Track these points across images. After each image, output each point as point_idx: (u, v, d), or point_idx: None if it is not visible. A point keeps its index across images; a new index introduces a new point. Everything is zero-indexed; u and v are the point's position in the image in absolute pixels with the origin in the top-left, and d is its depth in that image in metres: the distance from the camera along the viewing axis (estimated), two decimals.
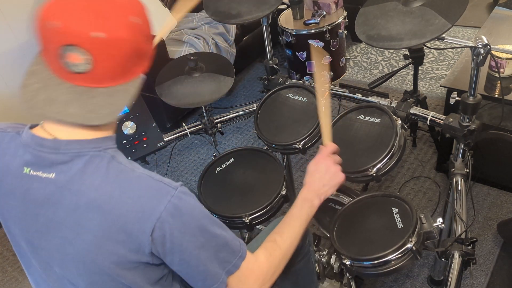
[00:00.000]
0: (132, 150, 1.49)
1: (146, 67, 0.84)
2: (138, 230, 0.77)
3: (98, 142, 0.81)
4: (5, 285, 2.08)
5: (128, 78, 0.81)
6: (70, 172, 0.79)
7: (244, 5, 1.44)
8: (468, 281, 1.66)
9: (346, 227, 1.27)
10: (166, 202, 0.78)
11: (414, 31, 1.15)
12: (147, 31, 0.82)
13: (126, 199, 0.78)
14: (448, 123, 1.31)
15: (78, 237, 0.79)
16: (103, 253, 0.79)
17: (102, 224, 0.78)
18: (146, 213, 0.77)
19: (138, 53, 0.80)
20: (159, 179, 0.81)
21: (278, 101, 1.53)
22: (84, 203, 0.78)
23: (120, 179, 0.79)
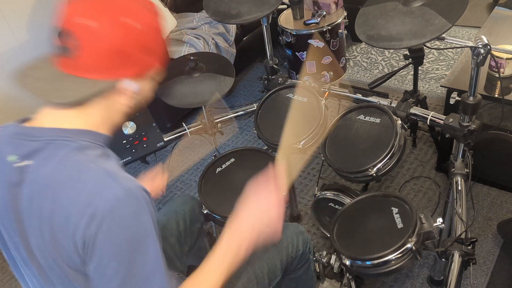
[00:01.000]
0: (132, 150, 1.49)
1: (131, 74, 0.83)
2: (73, 222, 0.73)
3: (73, 133, 0.81)
4: (5, 285, 2.08)
5: (108, 76, 0.81)
6: (40, 159, 0.78)
7: (244, 5, 1.44)
8: (468, 281, 1.66)
9: (346, 227, 1.27)
10: (105, 201, 0.72)
11: (414, 31, 1.15)
12: (144, 39, 0.82)
13: (69, 190, 0.74)
14: (448, 123, 1.31)
15: (41, 225, 0.77)
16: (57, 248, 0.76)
17: (52, 214, 0.75)
18: (83, 207, 0.72)
19: (124, 55, 0.80)
20: (115, 178, 0.75)
21: (278, 101, 1.53)
22: (40, 191, 0.77)
23: (73, 168, 0.76)
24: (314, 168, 2.34)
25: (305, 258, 1.29)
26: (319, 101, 1.43)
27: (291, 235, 1.25)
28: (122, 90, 0.84)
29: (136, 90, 0.85)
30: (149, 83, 0.90)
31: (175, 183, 2.47)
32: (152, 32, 0.85)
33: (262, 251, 1.20)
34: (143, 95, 0.90)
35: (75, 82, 0.80)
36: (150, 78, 0.89)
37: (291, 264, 1.26)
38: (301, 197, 2.18)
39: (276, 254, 1.20)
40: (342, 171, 1.28)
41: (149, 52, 0.84)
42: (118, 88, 0.83)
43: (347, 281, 1.46)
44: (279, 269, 1.21)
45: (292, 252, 1.24)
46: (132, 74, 0.84)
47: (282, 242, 1.23)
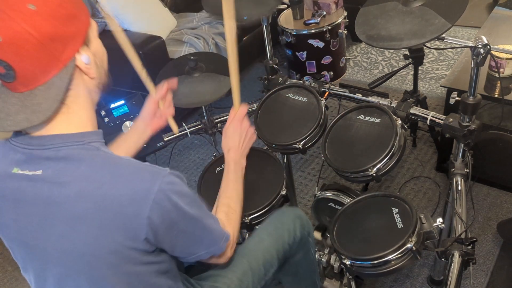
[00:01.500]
0: None
1: (78, 46, 0.80)
2: (133, 213, 0.78)
3: (81, 136, 0.82)
4: (5, 285, 2.08)
5: (58, 66, 0.78)
6: (57, 166, 0.79)
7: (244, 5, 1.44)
8: (468, 281, 1.66)
9: (346, 227, 1.27)
10: (160, 182, 0.79)
11: (414, 31, 1.15)
12: (52, 13, 0.76)
13: (118, 183, 0.78)
14: (448, 123, 1.31)
15: (73, 230, 0.79)
16: (100, 244, 0.79)
17: (96, 212, 0.78)
18: (140, 195, 0.78)
19: (50, 40, 0.75)
20: (148, 164, 0.84)
21: (278, 101, 1.53)
22: (74, 194, 0.78)
23: (109, 165, 0.80)
24: (314, 168, 2.34)
25: (303, 242, 1.28)
26: (319, 101, 1.43)
27: (288, 221, 1.25)
28: (81, 67, 0.82)
29: (88, 60, 0.82)
30: (94, 43, 0.86)
31: None
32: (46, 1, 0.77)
33: (257, 241, 1.21)
34: (98, 57, 0.88)
35: (40, 93, 0.77)
36: (91, 36, 0.85)
37: (289, 251, 1.25)
38: (301, 197, 2.18)
39: (272, 243, 1.20)
40: (342, 171, 1.28)
41: (72, 18, 0.79)
42: (78, 67, 0.81)
43: (347, 281, 1.46)
44: (276, 259, 1.20)
45: (289, 239, 1.23)
46: (77, 47, 0.80)
47: (278, 230, 1.23)
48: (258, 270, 1.16)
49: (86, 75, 0.84)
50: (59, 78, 0.78)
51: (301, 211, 1.31)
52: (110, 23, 1.17)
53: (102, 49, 0.90)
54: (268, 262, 1.18)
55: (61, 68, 0.78)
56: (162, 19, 2.75)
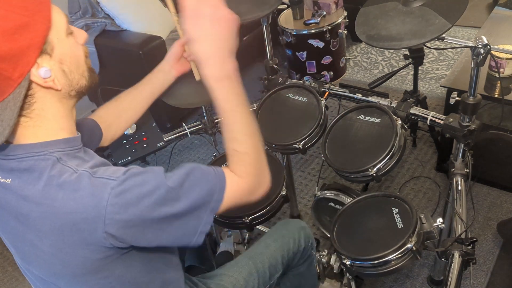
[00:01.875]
0: (132, 150, 1.49)
1: (31, 61, 0.71)
2: (89, 230, 0.74)
3: (44, 146, 0.77)
4: (5, 285, 2.08)
5: (12, 86, 0.70)
6: (21, 177, 0.77)
7: (244, 5, 1.44)
8: (468, 281, 1.66)
9: (346, 227, 1.27)
10: (107, 196, 0.72)
11: (414, 31, 1.15)
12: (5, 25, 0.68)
13: (69, 200, 0.73)
14: (448, 123, 1.31)
15: (41, 242, 0.78)
16: (67, 256, 0.78)
17: (55, 229, 0.75)
18: (91, 213, 0.73)
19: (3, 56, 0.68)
20: (101, 174, 0.75)
21: (278, 101, 1.53)
22: (36, 209, 0.75)
23: (62, 181, 0.74)
24: (314, 168, 2.34)
25: (307, 254, 1.30)
26: (319, 101, 1.43)
27: (293, 230, 1.26)
28: (38, 82, 0.74)
29: (47, 73, 0.73)
30: (59, 47, 0.76)
31: None
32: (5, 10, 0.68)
33: (263, 246, 1.21)
34: (67, 62, 0.78)
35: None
36: (55, 41, 0.75)
37: (293, 260, 1.26)
38: (301, 197, 2.18)
39: (278, 249, 1.21)
40: (342, 171, 1.28)
41: (21, 29, 0.69)
42: (36, 83, 0.74)
43: (347, 281, 1.46)
44: (281, 264, 1.21)
45: (294, 247, 1.24)
46: (31, 62, 0.71)
47: (284, 237, 1.24)
48: (264, 273, 1.17)
49: (52, 88, 0.76)
50: (12, 98, 0.71)
51: (306, 224, 1.32)
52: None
53: (73, 51, 0.79)
54: (273, 267, 1.19)
55: (15, 87, 0.71)
56: (162, 19, 2.75)
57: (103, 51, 2.45)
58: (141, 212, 0.75)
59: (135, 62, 2.37)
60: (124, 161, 1.48)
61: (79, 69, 0.81)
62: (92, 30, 2.50)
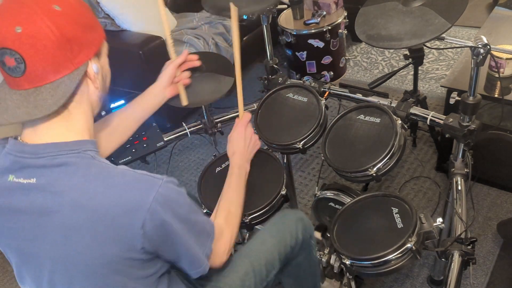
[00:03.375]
0: (132, 150, 1.49)
1: (91, 54, 0.83)
2: (128, 224, 0.77)
3: (76, 144, 0.82)
4: (5, 285, 2.08)
5: (70, 68, 0.79)
6: (50, 175, 0.79)
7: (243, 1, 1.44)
8: (468, 281, 1.66)
9: (346, 227, 1.27)
10: (154, 193, 0.78)
11: (414, 31, 1.15)
12: (74, 17, 0.80)
13: (111, 194, 0.77)
14: (448, 123, 1.31)
15: (66, 240, 0.79)
16: (93, 254, 0.79)
17: (89, 223, 0.77)
18: (134, 206, 0.77)
19: (67, 41, 0.78)
20: (144, 173, 0.82)
21: (278, 101, 1.53)
22: (67, 204, 0.77)
23: (103, 175, 0.79)
24: (314, 168, 2.34)
25: (305, 244, 1.28)
26: (319, 101, 1.43)
27: (290, 224, 1.25)
28: (89, 75, 0.84)
29: (97, 70, 0.86)
30: (104, 58, 0.90)
31: None
32: (83, 7, 0.83)
33: (259, 243, 1.21)
34: (104, 72, 0.91)
35: (46, 90, 0.78)
36: (102, 51, 0.89)
37: (292, 253, 1.25)
38: (301, 197, 2.18)
39: (274, 245, 1.20)
40: (342, 171, 1.28)
41: (91, 28, 0.84)
42: (87, 74, 0.83)
43: (347, 281, 1.46)
44: (278, 260, 1.20)
45: (291, 241, 1.23)
46: (91, 55, 0.83)
47: (280, 232, 1.23)
48: (260, 271, 1.16)
49: (92, 84, 0.86)
50: (68, 79, 0.79)
51: (303, 214, 1.31)
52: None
53: (108, 67, 0.93)
54: (270, 263, 1.18)
55: (72, 70, 0.79)
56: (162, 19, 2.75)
57: None
58: (175, 217, 0.82)
59: (135, 62, 2.37)
60: (124, 160, 1.48)
61: (107, 83, 0.94)
62: None
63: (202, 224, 0.93)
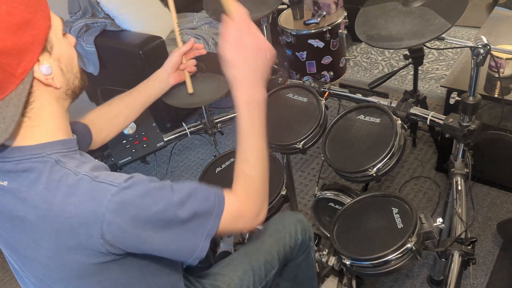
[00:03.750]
0: (132, 150, 1.50)
1: (35, 56, 0.73)
2: (86, 235, 0.73)
3: (40, 148, 0.77)
4: (5, 285, 2.08)
5: (15, 82, 0.71)
6: (17, 180, 0.76)
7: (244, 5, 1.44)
8: (468, 281, 1.66)
9: (346, 227, 1.27)
10: (106, 202, 0.72)
11: (414, 31, 1.15)
12: (9, 19, 0.69)
13: (68, 204, 0.73)
14: (448, 123, 1.31)
15: (37, 244, 0.78)
16: (63, 260, 0.77)
17: (52, 232, 0.75)
18: (89, 218, 0.72)
19: (8, 51, 0.68)
20: (103, 179, 0.75)
21: (278, 101, 1.53)
22: (32, 212, 0.75)
23: (61, 183, 0.74)
24: (314, 168, 2.34)
25: (305, 246, 1.28)
26: (319, 101, 1.43)
27: (289, 225, 1.24)
28: (40, 79, 0.75)
29: (48, 70, 0.75)
30: (58, 46, 0.78)
31: None
32: (4, 6, 0.69)
33: (259, 243, 1.20)
34: (64, 61, 0.80)
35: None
36: (54, 40, 0.77)
37: (291, 254, 1.25)
38: (301, 197, 2.18)
39: (273, 245, 1.20)
40: (342, 171, 1.28)
41: (26, 25, 0.71)
42: (39, 81, 0.75)
43: (347, 281, 1.46)
44: (277, 260, 1.20)
45: (290, 242, 1.23)
46: (35, 58, 0.73)
47: (279, 232, 1.23)
48: (259, 270, 1.16)
49: (51, 86, 0.77)
50: (16, 95, 0.71)
51: (303, 216, 1.31)
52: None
53: (68, 51, 0.81)
54: (269, 263, 1.18)
55: (17, 84, 0.71)
56: (162, 19, 2.75)
57: (103, 51, 2.45)
58: (138, 223, 0.75)
59: (135, 62, 2.37)
60: (124, 161, 1.48)
61: (73, 69, 0.83)
62: (92, 30, 2.50)
63: (191, 209, 0.79)
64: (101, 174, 0.76)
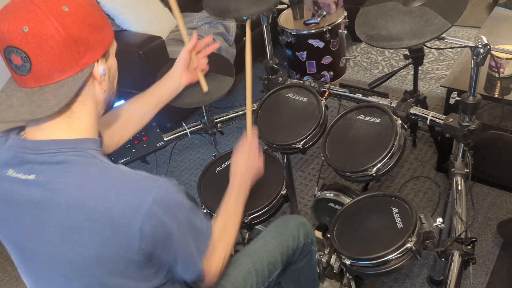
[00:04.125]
0: (132, 150, 1.50)
1: (98, 56, 0.82)
2: (126, 226, 0.77)
3: (77, 142, 0.82)
4: (5, 285, 2.08)
5: (75, 69, 0.79)
6: (49, 172, 0.79)
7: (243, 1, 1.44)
8: (468, 281, 1.66)
9: (346, 227, 1.27)
10: (154, 194, 0.78)
11: (414, 31, 1.15)
12: (82, 18, 0.79)
13: (110, 195, 0.77)
14: (448, 123, 1.31)
15: (62, 238, 0.78)
16: (89, 254, 0.78)
17: (86, 223, 0.77)
18: (132, 208, 0.76)
19: (74, 42, 0.77)
20: (144, 174, 0.82)
21: (278, 101, 1.53)
22: (65, 203, 0.77)
23: (102, 175, 0.79)
24: (314, 168, 2.34)
25: (307, 250, 1.29)
26: (319, 101, 1.43)
27: (292, 227, 1.25)
28: (95, 76, 0.83)
29: (104, 72, 0.85)
30: (111, 59, 0.89)
31: None
32: (92, 7, 0.82)
33: (262, 243, 1.21)
34: (112, 73, 0.90)
35: (50, 90, 0.78)
36: (111, 52, 0.88)
37: (293, 256, 1.26)
38: (301, 197, 2.18)
39: (276, 246, 1.21)
40: (342, 171, 1.28)
41: (99, 29, 0.83)
42: (93, 76, 0.83)
43: (347, 281, 1.46)
44: (280, 262, 1.21)
45: (293, 244, 1.24)
46: (97, 56, 0.82)
47: (283, 234, 1.23)
48: (262, 271, 1.17)
49: (98, 86, 0.85)
50: (73, 80, 0.79)
51: (305, 219, 1.32)
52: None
53: (116, 67, 0.92)
54: (272, 264, 1.19)
55: (77, 71, 0.79)
56: (162, 19, 2.75)
57: None
58: (176, 219, 0.82)
59: (135, 62, 2.37)
60: (124, 160, 1.48)
61: (115, 83, 0.94)
62: None
63: (200, 226, 0.92)
64: (141, 171, 0.83)
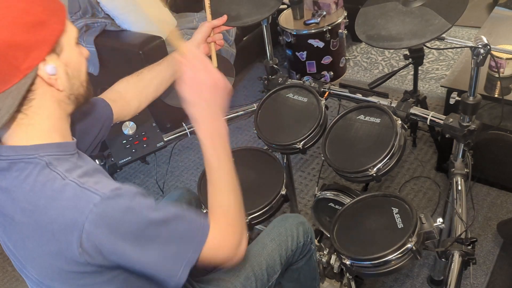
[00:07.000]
0: (132, 150, 1.49)
1: (42, 55, 0.74)
2: (66, 242, 0.73)
3: (33, 149, 0.77)
4: (5, 285, 2.08)
5: (18, 76, 0.72)
6: (9, 179, 0.77)
7: (244, 7, 1.44)
8: (468, 281, 1.66)
9: (346, 227, 1.27)
10: (88, 212, 0.71)
11: (414, 31, 1.15)
12: (13, 19, 0.70)
13: (51, 209, 0.73)
14: (448, 123, 1.31)
15: (24, 244, 0.78)
16: (47, 263, 0.77)
17: (35, 234, 0.75)
18: (69, 225, 0.72)
19: (8, 48, 0.70)
20: (88, 186, 0.74)
21: (278, 101, 1.53)
22: (20, 212, 0.76)
23: (47, 187, 0.74)
24: (314, 168, 2.34)
25: (306, 249, 1.28)
26: (319, 101, 1.43)
27: (291, 227, 1.24)
28: (43, 77, 0.75)
29: (53, 71, 0.76)
30: (68, 51, 0.79)
31: (175, 183, 2.47)
32: (24, 4, 0.72)
33: (260, 247, 1.20)
34: (71, 67, 0.81)
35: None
36: (65, 44, 0.79)
37: (293, 257, 1.25)
38: (301, 197, 2.18)
39: (275, 249, 1.20)
40: (342, 171, 1.28)
41: (39, 25, 0.73)
42: (42, 79, 0.75)
43: (347, 281, 1.46)
44: (279, 264, 1.20)
45: (292, 245, 1.23)
46: (42, 56, 0.74)
47: (282, 235, 1.22)
48: (261, 275, 1.16)
49: (53, 87, 0.78)
50: (16, 88, 0.72)
51: (304, 218, 1.31)
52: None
53: (78, 59, 0.83)
54: (271, 268, 1.18)
55: (21, 78, 0.72)
56: (162, 19, 2.75)
57: (103, 51, 2.45)
58: (116, 236, 0.73)
59: (135, 62, 2.37)
60: (124, 161, 1.48)
61: (80, 77, 0.84)
62: (92, 30, 2.50)
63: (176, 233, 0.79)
64: (89, 181, 0.75)
